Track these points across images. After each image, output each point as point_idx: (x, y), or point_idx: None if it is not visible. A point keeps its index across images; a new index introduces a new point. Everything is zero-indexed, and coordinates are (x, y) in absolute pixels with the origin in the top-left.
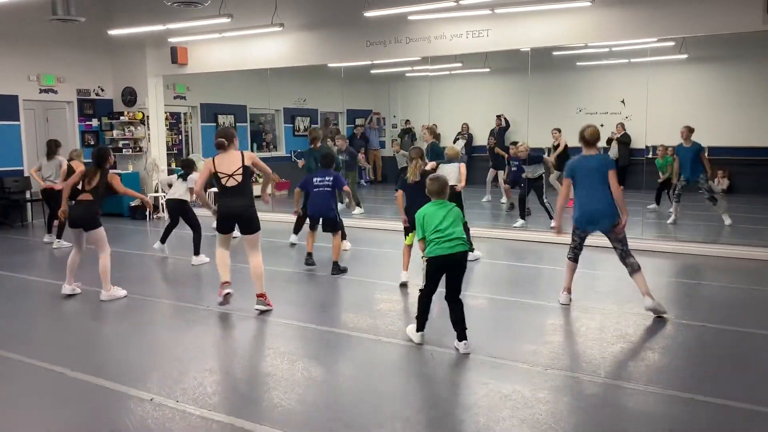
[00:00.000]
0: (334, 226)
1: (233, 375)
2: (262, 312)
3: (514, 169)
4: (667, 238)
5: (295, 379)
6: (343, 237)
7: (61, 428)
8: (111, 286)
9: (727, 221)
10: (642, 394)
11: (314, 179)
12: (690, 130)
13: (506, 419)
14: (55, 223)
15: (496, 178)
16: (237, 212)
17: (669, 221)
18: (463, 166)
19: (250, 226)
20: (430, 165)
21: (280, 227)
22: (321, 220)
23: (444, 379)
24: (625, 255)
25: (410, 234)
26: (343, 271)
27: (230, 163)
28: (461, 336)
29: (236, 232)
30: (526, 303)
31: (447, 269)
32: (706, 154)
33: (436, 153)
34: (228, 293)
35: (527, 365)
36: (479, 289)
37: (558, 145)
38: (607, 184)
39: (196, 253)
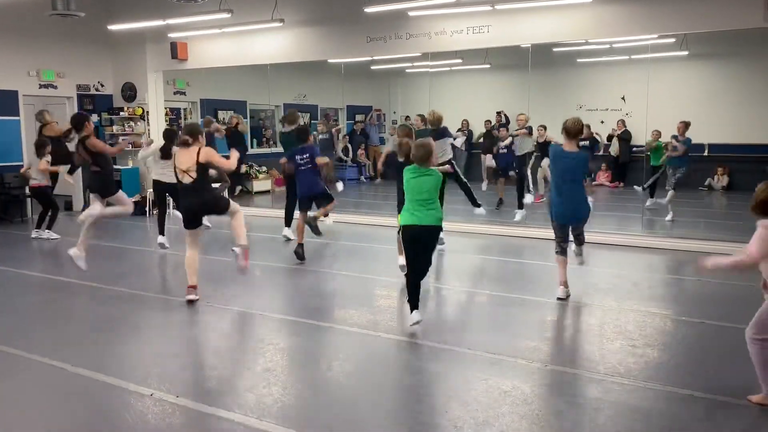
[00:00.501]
0: (326, 197)
1: (233, 370)
2: (242, 255)
3: (503, 151)
4: (665, 235)
5: (295, 375)
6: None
7: (62, 423)
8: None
9: (669, 216)
10: (641, 391)
11: (296, 157)
12: (686, 125)
13: (506, 415)
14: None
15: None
16: (194, 209)
17: (667, 218)
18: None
19: (218, 210)
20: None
21: (276, 222)
22: (312, 199)
23: (443, 375)
24: (577, 229)
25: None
26: (317, 232)
27: (187, 159)
28: None
29: (206, 221)
30: (525, 299)
31: (418, 240)
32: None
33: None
34: (191, 300)
35: (526, 361)
36: (478, 285)
37: (543, 142)
38: (581, 183)
39: None
